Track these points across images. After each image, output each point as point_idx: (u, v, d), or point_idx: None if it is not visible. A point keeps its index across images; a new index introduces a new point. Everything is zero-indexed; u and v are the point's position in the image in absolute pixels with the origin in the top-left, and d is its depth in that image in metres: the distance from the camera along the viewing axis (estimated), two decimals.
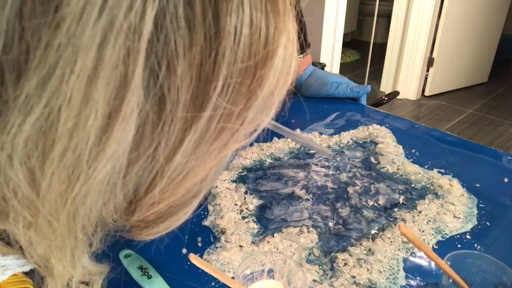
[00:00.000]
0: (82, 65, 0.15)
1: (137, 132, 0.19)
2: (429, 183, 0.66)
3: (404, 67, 2.74)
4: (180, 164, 0.21)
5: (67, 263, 0.24)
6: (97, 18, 0.15)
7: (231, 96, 0.20)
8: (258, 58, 0.19)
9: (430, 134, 0.82)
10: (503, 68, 3.30)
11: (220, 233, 0.55)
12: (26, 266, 0.31)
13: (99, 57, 0.16)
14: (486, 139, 2.32)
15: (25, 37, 0.15)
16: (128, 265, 0.48)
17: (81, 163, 0.18)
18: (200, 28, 0.17)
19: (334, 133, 0.82)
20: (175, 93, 0.18)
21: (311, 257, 0.52)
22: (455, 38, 2.66)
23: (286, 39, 0.20)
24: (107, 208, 0.22)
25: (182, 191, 0.24)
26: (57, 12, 0.15)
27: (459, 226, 0.57)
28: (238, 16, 0.18)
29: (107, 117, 0.17)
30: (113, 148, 0.18)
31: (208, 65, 0.18)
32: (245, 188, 0.65)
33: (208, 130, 0.20)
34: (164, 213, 0.25)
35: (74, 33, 0.15)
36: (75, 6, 0.15)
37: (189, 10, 0.17)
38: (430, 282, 0.49)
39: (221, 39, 0.18)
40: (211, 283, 0.48)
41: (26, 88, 0.16)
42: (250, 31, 0.18)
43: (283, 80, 0.22)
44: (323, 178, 0.68)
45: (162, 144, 0.20)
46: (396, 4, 2.67)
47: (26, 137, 0.17)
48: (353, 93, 0.95)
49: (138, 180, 0.22)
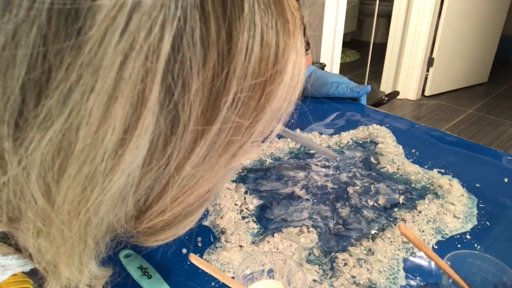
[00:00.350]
0: (102, 84, 0.16)
1: (151, 146, 0.19)
2: (429, 183, 0.66)
3: (404, 67, 2.74)
4: (189, 174, 0.22)
5: (75, 269, 0.25)
6: (118, 41, 0.15)
7: (240, 110, 0.20)
8: (268, 74, 0.20)
9: (430, 134, 0.82)
10: (503, 68, 3.30)
11: (220, 233, 0.55)
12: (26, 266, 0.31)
13: (119, 77, 0.16)
14: (486, 139, 2.32)
15: (48, 58, 0.16)
16: (128, 265, 0.48)
17: (96, 176, 0.19)
18: (214, 46, 0.18)
19: (334, 133, 0.82)
20: (188, 109, 0.19)
21: (311, 257, 0.52)
22: (455, 38, 2.66)
23: (295, 56, 0.21)
24: (117, 216, 0.23)
25: (190, 200, 0.24)
26: (79, 35, 0.15)
27: (459, 226, 0.57)
28: (250, 35, 0.18)
29: (123, 132, 0.18)
30: (128, 161, 0.19)
31: (219, 81, 0.19)
32: (245, 188, 0.65)
33: (217, 142, 0.21)
34: (171, 221, 0.26)
35: (95, 54, 0.15)
36: (97, 29, 0.15)
37: (204, 30, 0.17)
38: (430, 282, 0.49)
39: (233, 56, 0.18)
40: (211, 283, 0.48)
41: (47, 106, 0.16)
42: (261, 49, 0.19)
43: (291, 94, 0.22)
44: (323, 178, 0.68)
45: (173, 155, 0.20)
46: (396, 4, 2.67)
47: (44, 152, 0.17)
48: (353, 93, 0.95)
49: (148, 190, 0.23)
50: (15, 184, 0.19)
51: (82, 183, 0.19)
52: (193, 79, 0.18)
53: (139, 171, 0.20)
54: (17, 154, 0.18)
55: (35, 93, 0.16)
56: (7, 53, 0.15)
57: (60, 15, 0.15)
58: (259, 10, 0.18)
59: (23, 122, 0.17)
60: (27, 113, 0.17)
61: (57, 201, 0.19)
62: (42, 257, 0.23)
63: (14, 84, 0.16)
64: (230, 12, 0.18)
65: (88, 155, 0.18)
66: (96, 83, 0.16)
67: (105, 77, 0.16)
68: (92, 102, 0.16)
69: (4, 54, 0.15)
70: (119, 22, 0.15)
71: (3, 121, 0.17)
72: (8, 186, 0.19)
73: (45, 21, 0.15)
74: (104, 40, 0.15)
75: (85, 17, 0.15)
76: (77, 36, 0.15)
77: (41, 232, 0.21)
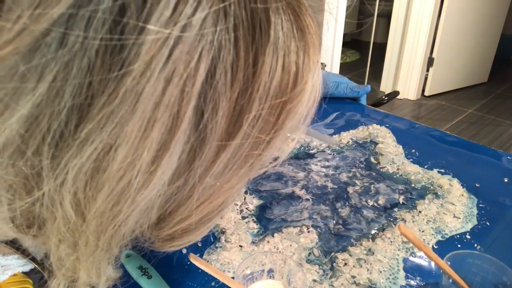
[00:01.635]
0: (143, 110, 0.17)
1: (179, 162, 0.21)
2: (429, 183, 0.66)
3: (404, 67, 2.74)
4: (209, 185, 0.23)
5: (94, 274, 0.26)
6: (161, 71, 0.16)
7: (261, 126, 0.21)
8: (288, 94, 0.21)
9: (430, 134, 0.82)
10: (503, 68, 3.30)
11: (220, 233, 0.55)
12: (26, 266, 0.31)
13: (158, 103, 0.17)
14: (486, 139, 2.32)
15: (93, 85, 0.16)
16: (128, 265, 0.48)
17: (128, 192, 0.20)
18: (241, 70, 0.19)
19: (334, 133, 0.82)
20: (215, 128, 0.20)
21: (311, 257, 0.52)
22: (455, 38, 2.66)
23: (313, 76, 0.22)
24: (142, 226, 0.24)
25: (209, 209, 0.25)
26: (124, 66, 0.16)
27: (459, 226, 0.57)
28: (273, 58, 0.19)
29: (157, 150, 0.19)
30: (159, 177, 0.20)
31: (243, 100, 0.20)
32: (245, 188, 0.65)
33: (237, 155, 0.22)
34: (189, 228, 0.27)
35: (138, 83, 0.16)
36: (141, 60, 0.16)
37: (235, 56, 0.18)
38: (430, 282, 0.49)
39: (257, 78, 0.19)
40: (211, 283, 0.48)
41: (87, 128, 0.17)
42: (283, 71, 0.20)
43: (308, 110, 0.24)
44: (323, 178, 0.68)
45: (198, 170, 0.22)
46: (396, 4, 2.67)
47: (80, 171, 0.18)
48: (353, 93, 0.95)
49: (172, 201, 0.24)
50: (48, 199, 0.20)
51: (115, 199, 0.20)
52: (222, 101, 0.19)
53: (167, 186, 0.21)
54: (54, 172, 0.18)
55: (77, 116, 0.17)
56: (58, 83, 0.16)
57: (107, 48, 0.16)
58: (283, 35, 0.20)
59: (63, 142, 0.18)
60: (68, 135, 0.17)
61: (88, 216, 0.20)
62: (62, 264, 0.24)
63: (61, 109, 0.17)
64: (258, 38, 0.19)
65: (124, 174, 0.19)
66: (137, 109, 0.17)
67: (146, 103, 0.17)
68: (131, 126, 0.17)
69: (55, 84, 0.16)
70: (162, 54, 0.16)
71: (45, 142, 0.18)
72: (41, 201, 0.20)
73: (94, 54, 0.16)
74: (147, 70, 0.16)
75: (130, 50, 0.16)
76: (121, 67, 0.16)
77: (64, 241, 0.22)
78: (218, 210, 0.26)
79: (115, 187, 0.19)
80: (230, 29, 0.18)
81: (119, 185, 0.19)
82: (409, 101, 2.79)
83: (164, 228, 0.26)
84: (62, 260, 0.24)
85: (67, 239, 0.22)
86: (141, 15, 0.16)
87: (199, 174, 0.22)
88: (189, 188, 0.23)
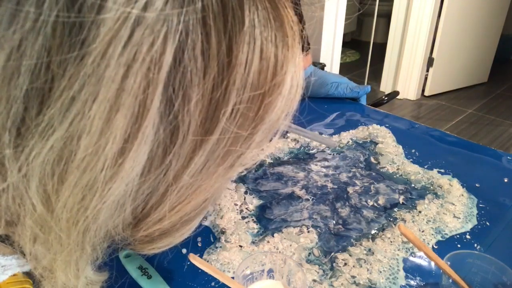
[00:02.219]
0: (105, 95, 0.16)
1: (150, 155, 0.20)
2: (429, 183, 0.66)
3: (404, 67, 2.74)
4: (187, 183, 0.22)
5: (72, 274, 0.25)
6: (121, 53, 0.16)
7: (239, 121, 0.20)
8: (267, 87, 0.20)
9: (430, 134, 0.82)
10: (503, 68, 3.30)
11: (220, 233, 0.55)
12: (26, 266, 0.31)
13: (121, 88, 0.16)
14: (486, 139, 2.32)
15: (51, 67, 0.16)
16: (128, 265, 0.48)
17: (96, 185, 0.19)
18: (214, 59, 0.18)
19: (334, 133, 0.82)
20: (187, 119, 0.19)
21: (311, 257, 0.52)
22: (455, 38, 2.66)
23: (293, 68, 0.21)
24: (115, 224, 0.23)
25: (188, 209, 0.24)
26: (83, 47, 0.15)
27: (459, 226, 0.57)
28: (250, 48, 0.19)
29: (124, 141, 0.18)
30: (128, 170, 0.19)
31: (219, 92, 0.19)
32: (245, 188, 0.65)
33: (216, 152, 0.21)
34: (168, 229, 0.26)
35: (98, 65, 0.16)
36: (101, 41, 0.15)
37: (205, 43, 0.17)
38: (430, 282, 0.49)
39: (232, 68, 0.19)
40: (211, 283, 0.48)
41: (48, 114, 0.16)
42: (260, 62, 0.19)
43: (289, 106, 0.23)
44: (323, 178, 0.68)
45: (172, 164, 0.21)
46: (396, 4, 2.67)
47: (44, 160, 0.18)
48: (353, 93, 0.95)
49: (146, 198, 0.23)
50: (15, 191, 0.19)
51: (82, 191, 0.19)
52: (193, 91, 0.18)
53: (138, 180, 0.20)
54: (17, 161, 0.18)
55: (37, 101, 0.16)
56: (12, 63, 0.15)
57: (65, 27, 0.15)
58: (259, 24, 0.19)
59: (25, 130, 0.17)
60: (29, 121, 0.17)
61: (56, 208, 0.20)
62: (38, 262, 0.24)
63: (18, 92, 0.16)
64: (231, 25, 0.18)
65: (88, 164, 0.18)
66: (99, 94, 0.16)
67: (108, 88, 0.16)
68: (94, 112, 0.16)
69: (9, 64, 0.15)
70: (122, 34, 0.15)
71: (5, 128, 0.17)
72: (7, 193, 0.19)
73: (50, 33, 0.15)
74: (107, 52, 0.16)
75: (89, 29, 0.15)
76: (81, 48, 0.15)
77: (38, 238, 0.22)
78: (199, 210, 0.26)
79: (79, 179, 0.18)
80: (198, 11, 0.17)
81: (84, 177, 0.18)
82: (409, 101, 2.79)
83: (142, 228, 0.25)
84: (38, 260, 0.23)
85: (39, 236, 0.21)
86: None
87: (175, 171, 0.21)
88: (165, 185, 0.22)
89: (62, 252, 0.22)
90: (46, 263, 0.24)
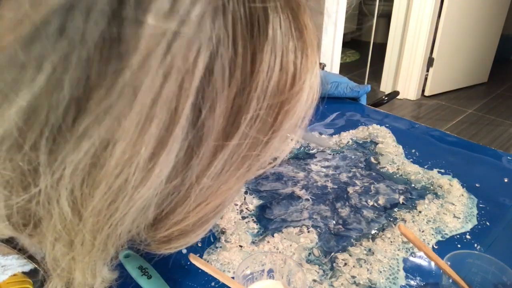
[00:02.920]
0: (141, 104, 0.17)
1: (176, 159, 0.20)
2: (429, 183, 0.66)
3: (404, 67, 2.74)
4: (206, 186, 0.23)
5: (89, 274, 0.25)
6: (159, 65, 0.16)
7: (258, 126, 0.21)
8: (286, 94, 0.21)
9: (430, 134, 0.82)
10: (503, 68, 3.30)
11: (220, 233, 0.55)
12: (26, 266, 0.31)
13: (156, 98, 0.17)
14: (486, 139, 2.31)
15: (91, 77, 0.16)
16: (128, 265, 0.48)
17: (126, 189, 0.19)
18: (239, 68, 0.19)
19: (334, 133, 0.82)
20: (212, 125, 0.20)
21: (311, 257, 0.52)
22: (455, 38, 2.66)
23: (311, 76, 0.22)
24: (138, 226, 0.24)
25: (206, 211, 0.25)
26: (122, 59, 0.16)
27: (459, 226, 0.57)
28: (272, 57, 0.19)
29: (155, 147, 0.18)
30: (157, 174, 0.20)
31: (241, 100, 0.20)
32: (245, 188, 0.65)
33: (235, 156, 0.22)
34: (186, 230, 0.27)
35: (136, 77, 0.16)
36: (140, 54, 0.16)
37: (233, 54, 0.18)
38: (430, 282, 0.49)
39: (255, 77, 0.19)
40: (211, 283, 0.48)
41: (84, 123, 0.17)
42: (281, 70, 0.20)
43: (306, 111, 0.24)
44: (323, 178, 0.68)
45: (194, 168, 0.21)
46: (396, 4, 2.67)
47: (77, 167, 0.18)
48: (353, 93, 0.95)
49: (169, 201, 0.23)
50: (45, 195, 0.19)
51: (111, 196, 0.20)
52: (219, 99, 0.19)
53: (164, 184, 0.21)
54: (51, 167, 0.18)
55: (75, 111, 0.17)
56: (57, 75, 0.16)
57: (106, 40, 0.16)
58: (281, 34, 0.19)
59: (60, 137, 0.18)
60: (65, 129, 0.17)
61: (84, 213, 0.20)
62: (58, 264, 0.24)
63: (60, 103, 0.17)
64: (256, 36, 0.19)
65: (121, 171, 0.18)
66: (135, 104, 0.17)
67: (144, 98, 0.17)
68: (129, 122, 0.17)
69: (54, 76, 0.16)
70: (160, 48, 0.16)
71: (43, 136, 0.17)
72: (37, 198, 0.20)
73: (93, 47, 0.16)
74: (146, 64, 0.16)
75: (128, 43, 0.16)
76: (120, 60, 0.16)
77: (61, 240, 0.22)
78: (216, 211, 0.26)
79: (112, 184, 0.19)
80: (228, 26, 0.18)
81: (117, 182, 0.19)
82: (409, 101, 2.79)
83: (161, 229, 0.26)
84: (57, 260, 0.24)
85: (63, 238, 0.22)
86: (140, 8, 0.16)
87: (196, 174, 0.22)
88: (186, 188, 0.22)
89: (85, 254, 0.23)
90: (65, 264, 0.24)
